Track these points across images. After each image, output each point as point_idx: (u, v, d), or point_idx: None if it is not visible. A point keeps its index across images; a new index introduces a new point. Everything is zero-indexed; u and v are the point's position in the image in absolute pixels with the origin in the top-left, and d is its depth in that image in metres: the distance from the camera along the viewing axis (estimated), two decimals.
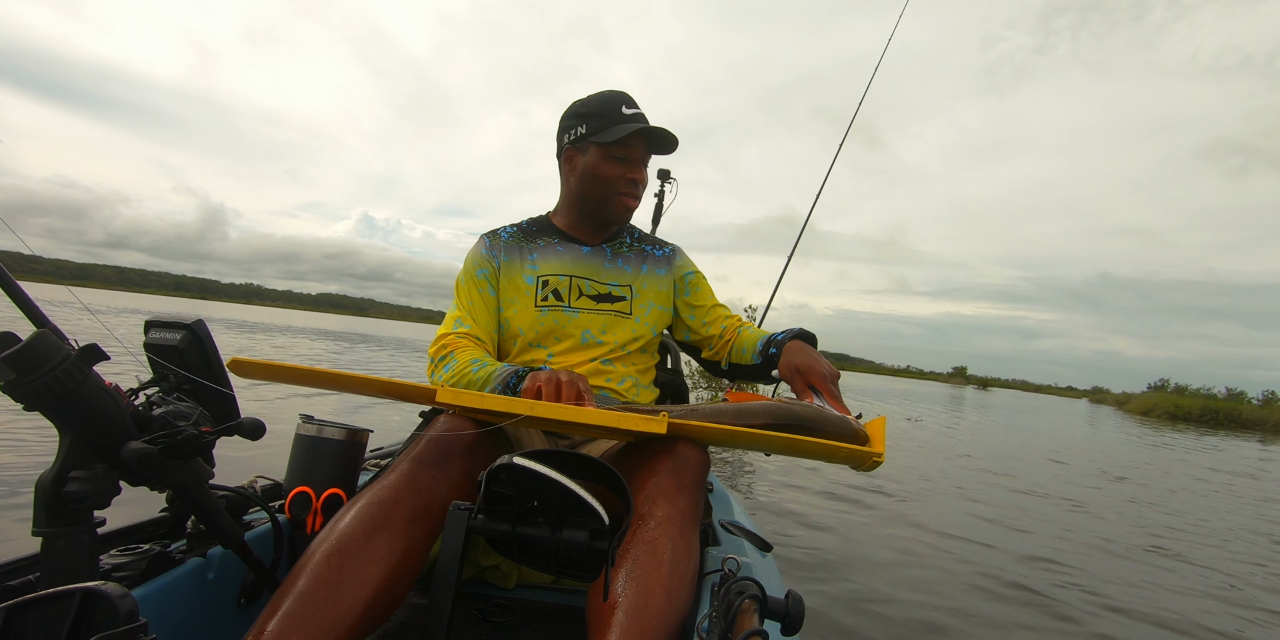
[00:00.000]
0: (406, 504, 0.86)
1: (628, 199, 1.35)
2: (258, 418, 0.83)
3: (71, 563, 0.70)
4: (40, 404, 0.67)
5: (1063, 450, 9.58)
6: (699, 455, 1.05)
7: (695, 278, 1.49)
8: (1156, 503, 5.52)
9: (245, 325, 23.86)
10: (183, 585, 0.87)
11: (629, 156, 1.32)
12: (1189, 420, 28.46)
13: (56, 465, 0.70)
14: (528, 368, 1.12)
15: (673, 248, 1.51)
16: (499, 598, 1.21)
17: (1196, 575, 3.30)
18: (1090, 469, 7.50)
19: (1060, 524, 4.20)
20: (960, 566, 2.94)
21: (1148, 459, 9.65)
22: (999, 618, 2.35)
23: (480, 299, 1.33)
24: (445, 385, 1.07)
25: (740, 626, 0.68)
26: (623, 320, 1.35)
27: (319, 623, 0.72)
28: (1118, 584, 2.98)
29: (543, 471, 0.64)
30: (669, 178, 2.09)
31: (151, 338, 0.92)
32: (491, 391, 1.10)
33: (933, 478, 5.58)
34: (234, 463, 2.82)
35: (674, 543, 0.88)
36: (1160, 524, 4.56)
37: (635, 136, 1.30)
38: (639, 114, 1.33)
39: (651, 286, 1.41)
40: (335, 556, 0.78)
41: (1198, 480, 7.52)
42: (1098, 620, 2.46)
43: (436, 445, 0.95)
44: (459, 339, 1.26)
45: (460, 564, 0.70)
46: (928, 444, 8.53)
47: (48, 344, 0.66)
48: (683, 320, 1.46)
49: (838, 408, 1.04)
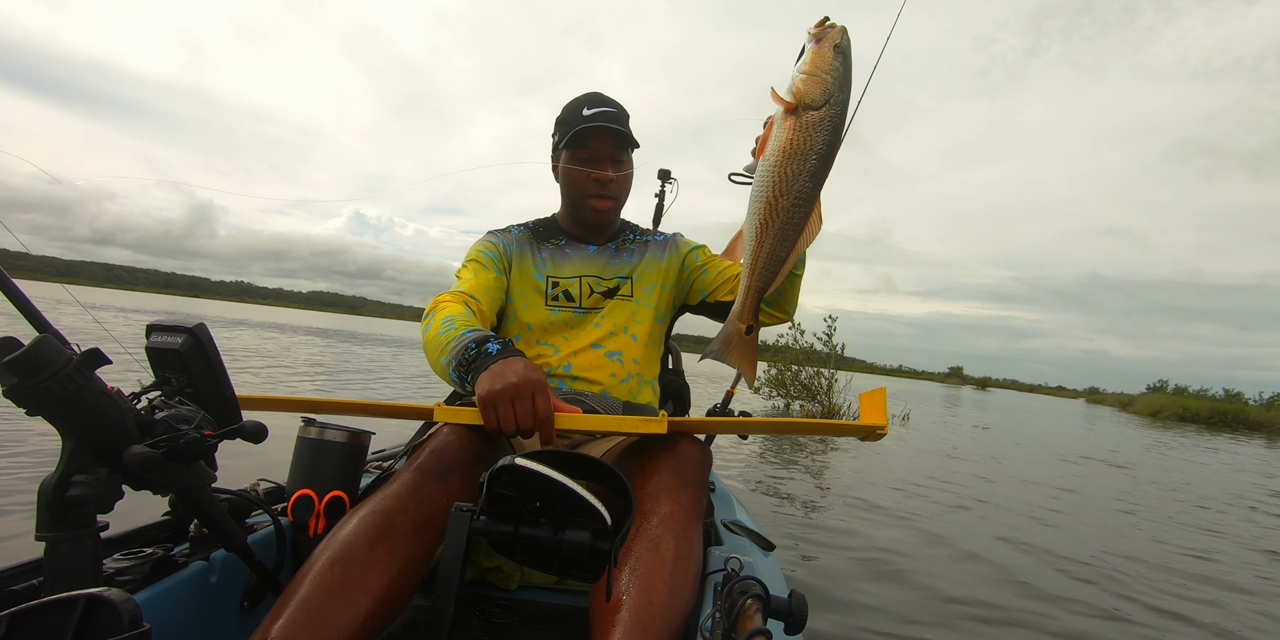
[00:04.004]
0: (409, 515, 0.86)
1: (596, 200, 1.34)
2: (259, 421, 0.83)
3: (75, 567, 0.70)
4: (42, 408, 0.67)
5: (1120, 453, 9.30)
6: (701, 452, 1.05)
7: (700, 249, 1.50)
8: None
9: (246, 324, 23.83)
10: (186, 589, 0.87)
11: (594, 155, 1.32)
12: (1196, 422, 27.89)
13: (59, 470, 0.70)
14: (481, 341, 1.01)
15: (674, 234, 1.53)
16: (501, 599, 1.21)
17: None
18: (1172, 480, 6.86)
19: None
20: (973, 569, 2.93)
21: (1216, 465, 9.06)
22: (1005, 618, 2.34)
23: (483, 272, 1.32)
24: (441, 404, 1.04)
25: (743, 626, 0.68)
26: (624, 303, 1.37)
27: (321, 630, 0.72)
28: None
29: (544, 472, 0.64)
30: (669, 178, 2.08)
31: (153, 341, 0.93)
32: (447, 363, 1.03)
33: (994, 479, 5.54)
34: (236, 466, 2.82)
35: (677, 540, 0.89)
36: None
37: (591, 135, 1.29)
38: (601, 112, 1.30)
39: (654, 268, 1.43)
40: (338, 564, 0.78)
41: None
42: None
43: (440, 457, 0.95)
44: (448, 296, 1.22)
45: (463, 565, 0.70)
46: (969, 447, 8.22)
47: (49, 349, 0.66)
48: (700, 282, 1.45)
49: None
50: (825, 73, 0.88)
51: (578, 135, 1.29)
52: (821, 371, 10.48)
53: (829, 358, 10.52)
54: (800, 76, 0.89)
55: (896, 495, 4.40)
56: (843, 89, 0.90)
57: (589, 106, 1.31)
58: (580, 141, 1.30)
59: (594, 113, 1.30)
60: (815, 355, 10.69)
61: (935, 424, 11.38)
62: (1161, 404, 33.11)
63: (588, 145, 1.30)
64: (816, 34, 0.89)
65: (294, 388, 7.13)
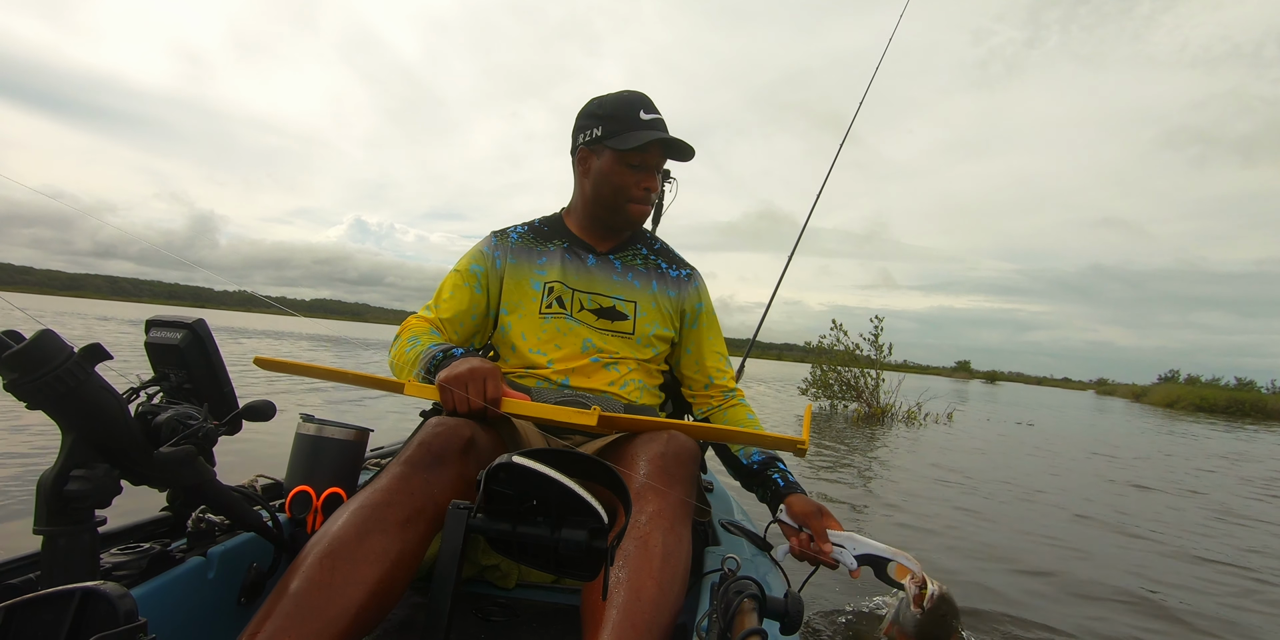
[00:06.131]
0: (399, 507, 0.86)
1: (640, 205, 1.32)
2: (266, 399, 0.85)
3: (72, 562, 0.70)
4: (42, 403, 0.68)
5: (1196, 448, 9.11)
6: (690, 449, 1.06)
7: (705, 313, 1.43)
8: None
9: (267, 333, 23.78)
10: (183, 584, 0.87)
11: (644, 164, 1.29)
12: (1214, 412, 27.60)
13: (58, 464, 0.70)
14: (447, 350, 1.15)
15: (691, 271, 1.45)
16: (499, 597, 1.21)
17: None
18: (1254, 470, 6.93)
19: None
20: (979, 563, 2.93)
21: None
22: (1012, 620, 2.34)
23: (459, 292, 1.32)
24: (412, 380, 1.14)
25: (739, 625, 0.68)
26: (626, 340, 1.32)
27: (312, 625, 0.72)
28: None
29: (542, 471, 0.64)
30: (669, 177, 2.09)
31: (152, 337, 0.93)
32: (416, 375, 1.15)
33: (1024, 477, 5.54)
34: (234, 463, 2.82)
35: (665, 537, 0.89)
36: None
37: (653, 144, 1.26)
38: (657, 119, 1.29)
39: (659, 306, 1.37)
40: (328, 558, 0.78)
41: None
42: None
43: (428, 448, 0.95)
44: (416, 321, 1.29)
45: (460, 563, 0.70)
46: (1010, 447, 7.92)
47: (50, 343, 0.66)
48: (677, 349, 1.43)
49: (824, 550, 1.14)
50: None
51: (644, 141, 1.24)
52: (868, 372, 10.49)
53: (875, 359, 10.55)
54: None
55: (928, 493, 4.37)
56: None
57: (645, 111, 1.28)
58: (641, 146, 1.25)
59: (652, 119, 1.28)
60: (858, 357, 10.69)
61: (976, 423, 11.06)
62: (1177, 394, 32.84)
63: (646, 151, 1.27)
64: (916, 597, 0.98)
65: (292, 388, 7.14)
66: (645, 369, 1.35)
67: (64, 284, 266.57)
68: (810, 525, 1.16)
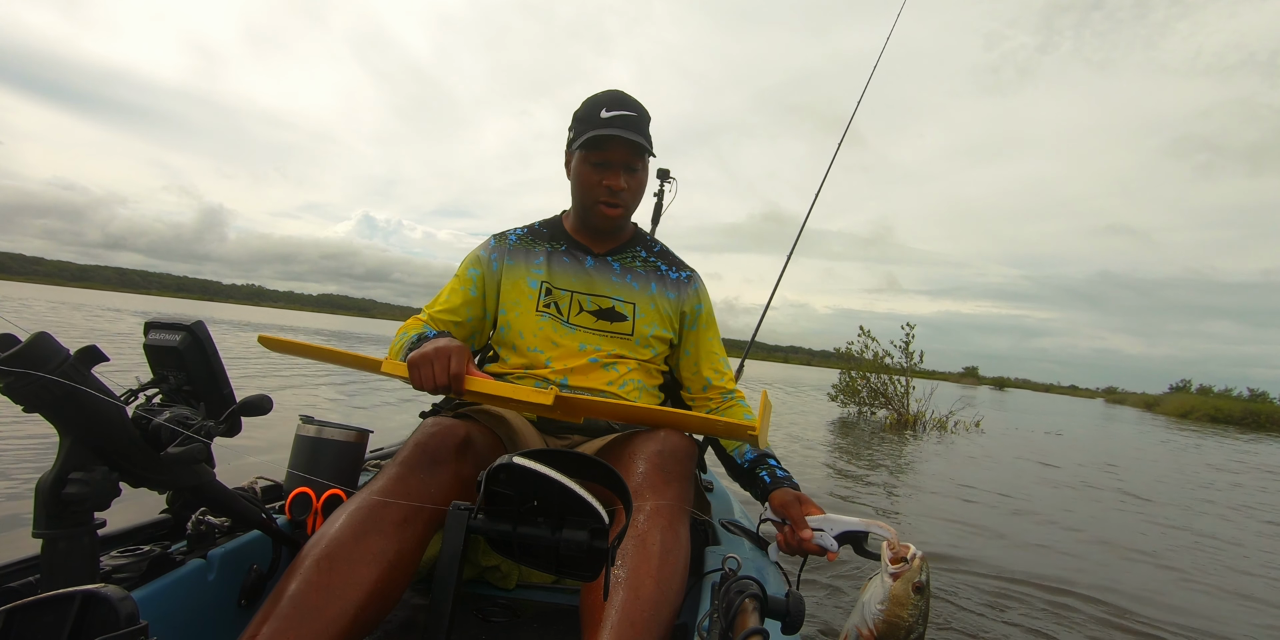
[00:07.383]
0: (396, 508, 0.86)
1: (606, 207, 1.28)
2: (263, 393, 0.85)
3: (72, 565, 0.70)
4: (40, 405, 0.67)
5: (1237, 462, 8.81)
6: (687, 447, 1.05)
7: (704, 315, 1.42)
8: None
9: (280, 327, 23.63)
10: (183, 587, 0.87)
11: (606, 161, 1.25)
12: (1229, 422, 27.15)
13: (56, 467, 0.70)
14: (424, 335, 1.17)
15: (691, 273, 1.43)
16: (500, 598, 1.21)
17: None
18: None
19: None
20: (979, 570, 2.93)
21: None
22: (1015, 620, 2.34)
23: (455, 294, 1.33)
24: (387, 359, 1.15)
25: (740, 625, 0.68)
26: (625, 341, 1.31)
27: (311, 626, 0.72)
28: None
29: (542, 471, 0.64)
30: (668, 177, 2.08)
31: (151, 339, 0.92)
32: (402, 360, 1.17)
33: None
34: (234, 465, 2.81)
35: (663, 535, 0.89)
36: None
37: (608, 140, 1.22)
38: (619, 116, 1.23)
39: (659, 307, 1.35)
40: (326, 560, 0.78)
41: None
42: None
43: (424, 449, 0.95)
44: (415, 320, 1.32)
45: (460, 564, 0.70)
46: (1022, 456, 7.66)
47: (46, 345, 0.66)
48: (676, 350, 1.42)
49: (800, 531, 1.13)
50: (906, 611, 0.91)
51: (594, 139, 1.22)
52: (897, 379, 10.51)
53: (906, 367, 10.55)
54: (880, 616, 0.91)
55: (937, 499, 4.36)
56: (923, 622, 0.93)
57: (609, 108, 1.24)
58: (596, 145, 1.23)
59: (612, 116, 1.23)
60: (888, 364, 10.72)
61: (1007, 431, 10.99)
62: (1191, 405, 32.62)
63: (604, 150, 1.23)
64: (895, 571, 0.93)
65: (292, 386, 7.13)
66: (645, 369, 1.34)
67: (73, 275, 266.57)
68: (789, 515, 1.15)
